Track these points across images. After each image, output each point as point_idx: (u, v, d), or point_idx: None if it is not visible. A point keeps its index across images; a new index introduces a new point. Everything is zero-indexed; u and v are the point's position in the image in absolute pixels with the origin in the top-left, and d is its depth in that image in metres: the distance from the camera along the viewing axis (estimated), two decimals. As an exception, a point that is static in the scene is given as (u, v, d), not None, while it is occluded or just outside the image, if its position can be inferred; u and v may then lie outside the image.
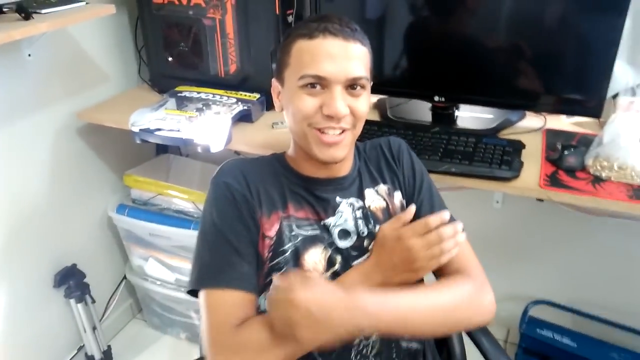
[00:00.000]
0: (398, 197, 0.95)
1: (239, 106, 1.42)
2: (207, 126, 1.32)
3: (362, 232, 0.90)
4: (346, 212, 0.90)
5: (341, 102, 0.81)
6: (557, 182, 1.11)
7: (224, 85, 1.53)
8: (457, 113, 1.45)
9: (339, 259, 0.88)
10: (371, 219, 0.92)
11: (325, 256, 0.87)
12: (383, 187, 0.95)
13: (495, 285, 0.89)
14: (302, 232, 0.87)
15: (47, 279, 1.62)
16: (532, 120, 1.41)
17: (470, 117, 1.43)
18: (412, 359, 0.92)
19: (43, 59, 1.45)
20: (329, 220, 0.89)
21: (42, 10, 1.23)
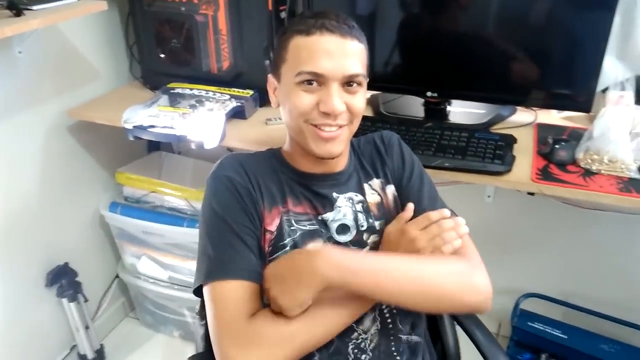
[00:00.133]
0: (391, 191, 0.96)
1: (233, 102, 1.42)
2: (201, 123, 1.32)
3: (362, 226, 0.91)
4: (345, 207, 0.91)
5: (338, 99, 0.82)
6: (549, 176, 1.12)
7: (217, 81, 1.53)
8: (450, 108, 1.46)
9: None
10: (370, 213, 0.92)
11: None
12: (376, 182, 0.96)
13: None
14: (301, 227, 0.88)
15: (39, 278, 1.61)
16: (523, 114, 1.43)
17: (462, 112, 1.44)
18: (412, 352, 0.91)
19: (34, 56, 1.43)
20: (327, 215, 0.90)
21: (34, 6, 1.22)
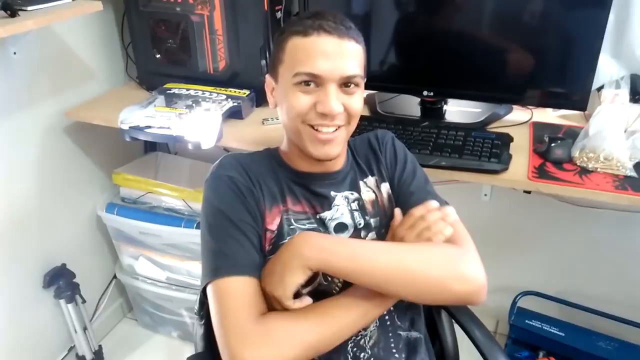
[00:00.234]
0: (385, 189, 0.96)
1: (229, 103, 1.41)
2: (198, 123, 1.32)
3: (359, 224, 0.91)
4: (342, 206, 0.91)
5: (335, 101, 0.82)
6: (545, 174, 1.13)
7: (213, 81, 1.53)
8: (446, 107, 1.47)
9: None
10: (366, 210, 0.93)
11: None
12: (371, 179, 0.97)
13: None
14: (299, 226, 0.88)
15: (37, 280, 1.61)
16: (519, 113, 1.43)
17: (458, 111, 1.44)
18: (412, 349, 0.92)
19: (29, 57, 1.43)
20: (325, 214, 0.90)
21: (28, 7, 1.21)
